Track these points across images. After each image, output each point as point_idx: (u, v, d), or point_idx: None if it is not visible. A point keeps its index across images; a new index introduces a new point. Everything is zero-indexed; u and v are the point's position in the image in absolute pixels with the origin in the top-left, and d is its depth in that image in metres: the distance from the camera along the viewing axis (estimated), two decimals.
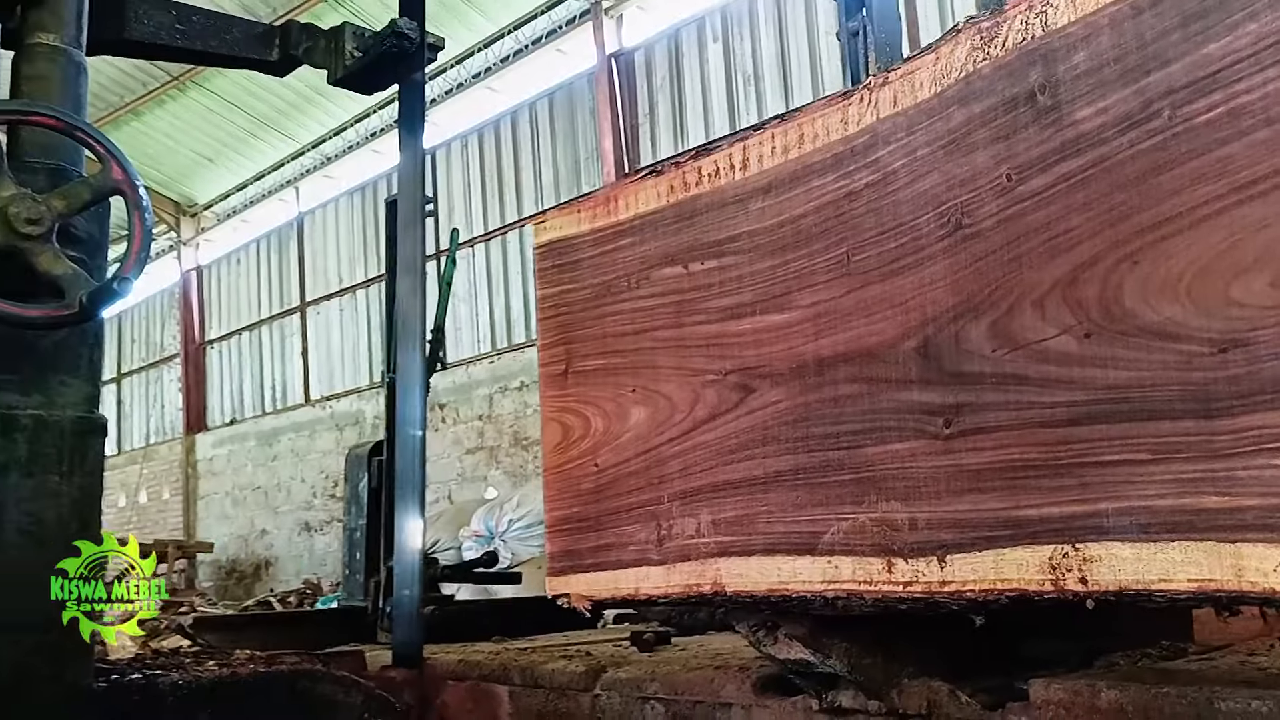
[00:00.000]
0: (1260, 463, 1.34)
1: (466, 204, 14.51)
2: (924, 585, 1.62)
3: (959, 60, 1.67)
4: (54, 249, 2.19)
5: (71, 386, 2.28)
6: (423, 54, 3.32)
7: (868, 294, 1.72)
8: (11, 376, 2.21)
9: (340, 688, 2.48)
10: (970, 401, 1.60)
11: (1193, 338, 1.41)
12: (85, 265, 2.27)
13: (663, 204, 2.06)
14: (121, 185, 2.25)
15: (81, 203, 2.25)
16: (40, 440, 2.20)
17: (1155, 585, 1.42)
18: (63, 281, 2.18)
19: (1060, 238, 1.54)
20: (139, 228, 2.23)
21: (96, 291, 2.18)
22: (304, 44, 3.26)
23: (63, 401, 2.25)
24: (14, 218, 2.13)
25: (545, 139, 13.77)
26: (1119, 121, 1.50)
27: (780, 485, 1.81)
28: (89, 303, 2.17)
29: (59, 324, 2.20)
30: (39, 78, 2.41)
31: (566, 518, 2.18)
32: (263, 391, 17.76)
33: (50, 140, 2.33)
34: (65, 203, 2.21)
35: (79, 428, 2.25)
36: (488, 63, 14.37)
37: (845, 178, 1.77)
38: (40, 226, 2.15)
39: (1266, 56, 1.38)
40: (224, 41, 3.16)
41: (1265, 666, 2.05)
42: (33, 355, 2.24)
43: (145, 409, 20.30)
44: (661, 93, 12.90)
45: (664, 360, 2.02)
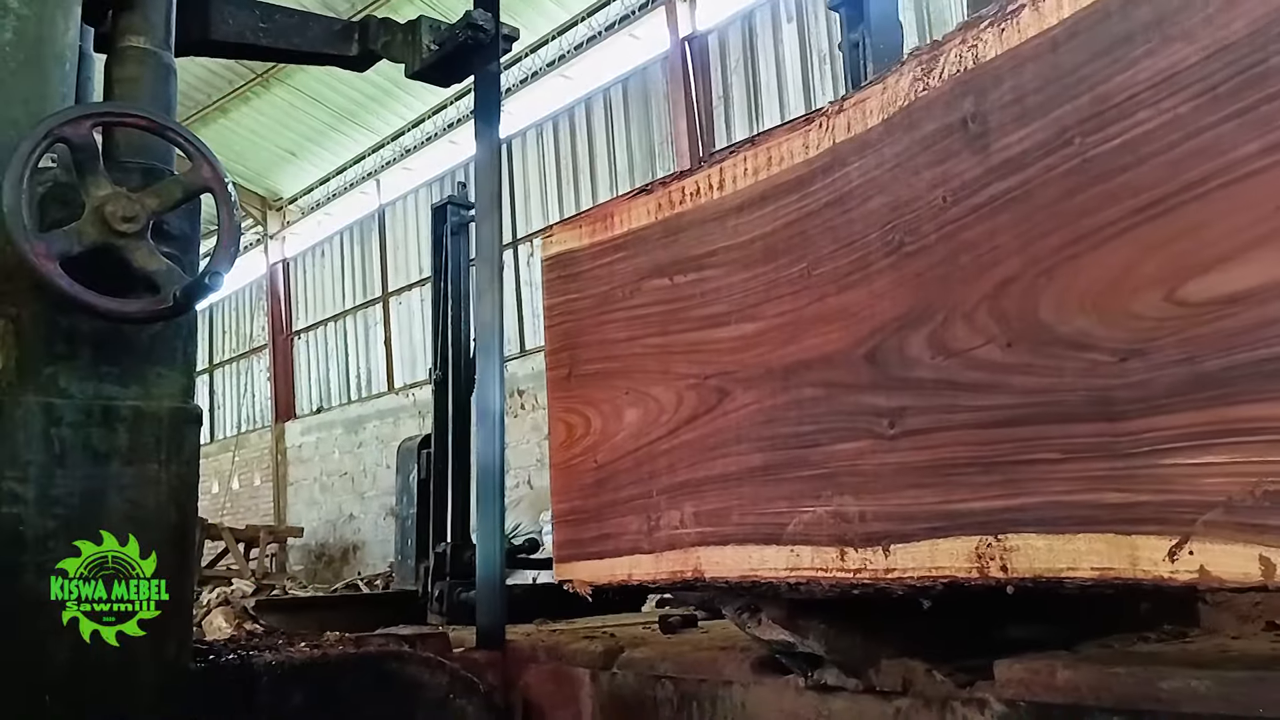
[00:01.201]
0: (1154, 462, 1.49)
1: (542, 192, 14.77)
2: (871, 572, 1.80)
3: (903, 90, 1.84)
4: (149, 245, 2.25)
5: (168, 378, 2.36)
6: (498, 45, 3.37)
7: (825, 305, 1.90)
8: (111, 369, 2.29)
9: (426, 668, 2.56)
10: (912, 405, 1.77)
11: (1098, 347, 1.56)
12: (178, 261, 2.35)
13: (652, 220, 2.26)
14: (210, 182, 2.31)
15: (174, 200, 2.31)
16: (139, 430, 2.29)
17: (1064, 573, 1.58)
18: (158, 277, 2.24)
19: (987, 255, 1.70)
20: (228, 223, 2.31)
21: (190, 286, 2.24)
22: (382, 38, 3.34)
23: (159, 392, 2.34)
24: (110, 216, 2.19)
25: (619, 125, 13.92)
26: (1038, 148, 1.65)
27: (752, 480, 2.00)
28: (183, 297, 2.23)
29: (155, 318, 2.27)
30: (131, 80, 2.50)
31: (571, 510, 2.41)
32: (348, 380, 18.38)
33: (143, 140, 2.41)
34: (158, 200, 2.27)
35: (175, 417, 2.34)
36: (561, 50, 14.58)
37: (806, 198, 1.95)
38: (135, 224, 2.22)
39: (1162, 89, 1.52)
40: (305, 39, 3.27)
41: (1232, 650, 2.18)
42: (130, 348, 2.32)
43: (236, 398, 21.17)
44: (736, 75, 12.94)
45: (653, 365, 2.22)
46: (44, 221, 2.19)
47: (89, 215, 2.19)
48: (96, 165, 2.22)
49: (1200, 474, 1.43)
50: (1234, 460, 1.40)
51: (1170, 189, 1.49)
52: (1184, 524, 1.45)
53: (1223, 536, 1.41)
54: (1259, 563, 1.38)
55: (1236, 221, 1.42)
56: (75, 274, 2.15)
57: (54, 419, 2.20)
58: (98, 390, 2.27)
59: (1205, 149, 1.45)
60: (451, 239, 4.93)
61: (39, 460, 2.16)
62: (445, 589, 4.45)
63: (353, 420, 17.64)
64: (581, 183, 14.34)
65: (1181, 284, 1.47)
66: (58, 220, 2.21)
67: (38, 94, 2.30)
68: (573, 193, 14.35)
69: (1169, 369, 1.47)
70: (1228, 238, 1.42)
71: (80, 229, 2.18)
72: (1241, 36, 1.43)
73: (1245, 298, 1.40)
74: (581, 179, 14.28)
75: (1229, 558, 1.41)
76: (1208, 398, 1.43)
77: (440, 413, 4.81)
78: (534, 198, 14.74)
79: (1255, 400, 1.38)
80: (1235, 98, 1.43)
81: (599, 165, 13.97)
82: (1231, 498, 1.40)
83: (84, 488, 2.20)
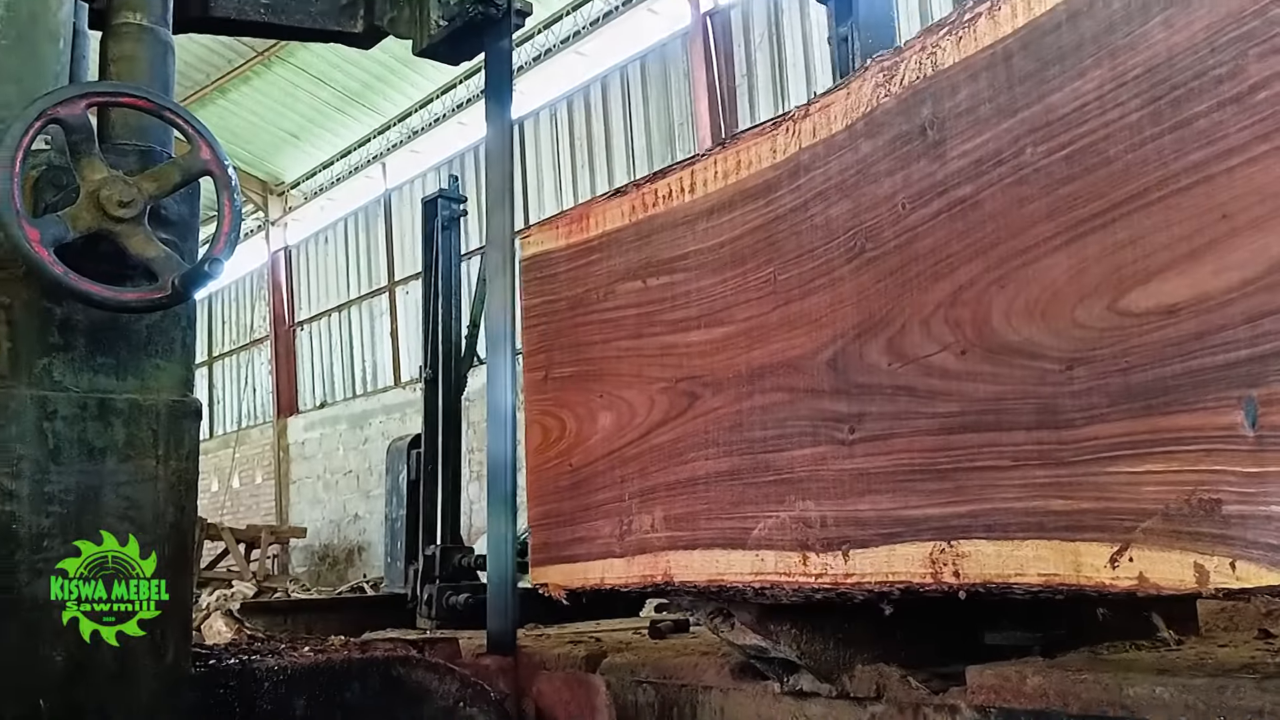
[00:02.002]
0: (1096, 470, 1.61)
1: (555, 176, 14.84)
2: (831, 577, 1.92)
3: (866, 96, 1.95)
4: (146, 231, 2.24)
5: (165, 370, 2.36)
6: (509, 20, 3.33)
7: (790, 311, 2.02)
8: (107, 360, 2.29)
9: (434, 675, 2.57)
10: (870, 411, 1.89)
11: (1045, 356, 1.67)
12: (177, 247, 2.34)
13: (625, 223, 2.38)
14: (210, 165, 2.31)
15: (172, 184, 2.29)
16: (136, 424, 2.29)
17: (1012, 579, 1.70)
18: (155, 264, 2.24)
19: (943, 263, 1.81)
20: (228, 208, 2.30)
21: (189, 273, 2.24)
22: (388, 14, 3.31)
23: (157, 385, 2.34)
24: (106, 200, 2.18)
25: (637, 105, 13.94)
26: (991, 157, 1.76)
27: (719, 484, 2.12)
28: (181, 285, 2.22)
29: (153, 307, 2.26)
30: (127, 58, 2.48)
31: (546, 513, 2.53)
32: (353, 373, 18.56)
33: (139, 122, 2.40)
34: (156, 184, 2.26)
35: (174, 411, 2.34)
36: (577, 26, 14.60)
37: (773, 203, 2.06)
38: (132, 209, 2.20)
39: (1108, 100, 1.63)
40: (308, 14, 3.26)
41: (1212, 658, 2.29)
42: (127, 339, 2.32)
43: (237, 392, 21.40)
44: (760, 52, 12.92)
45: (626, 368, 2.35)
46: (37, 206, 2.21)
47: (84, 200, 2.19)
48: (92, 147, 2.22)
49: (1139, 482, 1.55)
50: (1170, 469, 1.52)
51: (1114, 199, 1.61)
52: (1124, 531, 1.57)
53: (1160, 544, 1.53)
54: (1194, 569, 1.50)
55: (1174, 233, 1.53)
56: (70, 261, 2.15)
57: (48, 413, 2.20)
58: (93, 383, 2.27)
59: (1147, 160, 1.57)
60: (443, 234, 5.08)
61: (32, 456, 2.17)
62: (435, 592, 4.61)
63: (358, 415, 17.81)
64: (598, 166, 14.36)
65: (1123, 294, 1.58)
66: (51, 205, 2.23)
67: (30, 73, 2.31)
68: (588, 177, 14.39)
69: (1110, 378, 1.59)
70: (1166, 249, 1.53)
71: (75, 214, 2.18)
72: (1181, 50, 1.55)
73: (1181, 309, 1.51)
74: (597, 162, 14.31)
75: (1166, 565, 1.53)
76: (1145, 407, 1.55)
77: (430, 412, 4.98)
78: (547, 182, 14.81)
79: (1188, 410, 1.50)
80: (1175, 110, 1.54)
81: (616, 148, 14.00)
82: (1168, 506, 1.52)
83: (79, 484, 2.21)
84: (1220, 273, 1.48)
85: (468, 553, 4.74)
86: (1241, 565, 1.45)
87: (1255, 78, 1.46)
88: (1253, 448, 1.42)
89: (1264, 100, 1.45)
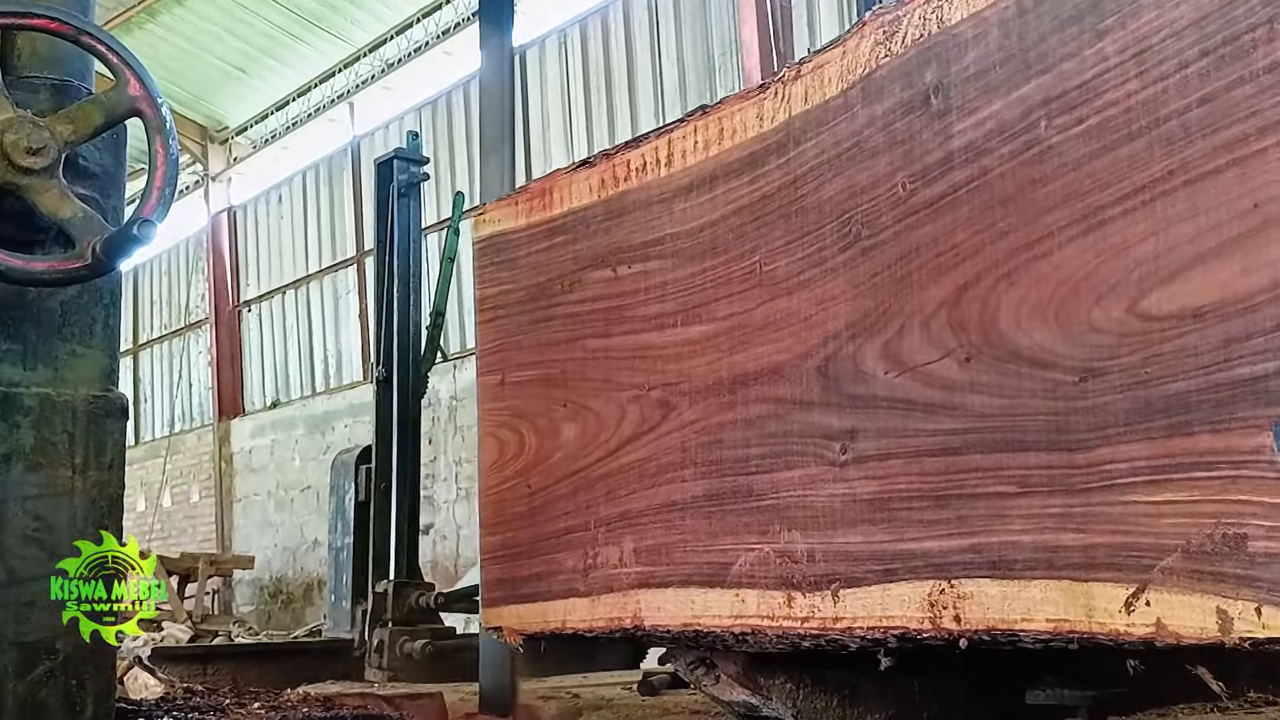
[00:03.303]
0: (1110, 499, 1.73)
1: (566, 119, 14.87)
2: (819, 621, 2.06)
3: (864, 55, 2.08)
4: (60, 186, 2.21)
5: (84, 358, 2.33)
6: None
7: (776, 307, 2.15)
8: (12, 346, 2.27)
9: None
10: (864, 426, 2.02)
11: (1058, 365, 1.80)
12: (98, 206, 2.30)
13: (594, 199, 2.50)
14: (140, 104, 2.27)
15: (92, 127, 2.26)
16: (48, 425, 2.26)
17: (1019, 625, 1.83)
18: (71, 226, 2.21)
19: (947, 254, 1.94)
20: (162, 157, 2.27)
21: (112, 238, 2.19)
22: None
23: (74, 377, 2.30)
24: (11, 147, 2.15)
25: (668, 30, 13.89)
26: (1002, 130, 1.88)
27: (696, 511, 2.24)
28: (104, 252, 2.19)
29: (68, 279, 2.23)
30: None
31: (501, 544, 2.66)
32: (312, 366, 18.65)
33: (52, 50, 2.36)
34: (73, 127, 2.23)
35: (94, 409, 2.31)
36: None
37: (759, 180, 2.18)
38: (44, 158, 2.18)
39: (1130, 67, 1.76)
40: None
41: None
42: (37, 319, 2.29)
43: (168, 389, 21.50)
44: None
45: (594, 373, 2.47)
46: None
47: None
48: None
49: (1157, 513, 1.68)
50: (1191, 499, 1.65)
51: (1136, 183, 1.73)
52: (1141, 570, 1.70)
53: (1180, 586, 1.66)
54: (1216, 615, 1.63)
55: (1201, 224, 1.65)
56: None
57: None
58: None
59: (1171, 138, 1.69)
60: (399, 202, 5.24)
61: None
62: (387, 638, 4.78)
63: (318, 418, 17.90)
64: (618, 107, 14.32)
65: (1145, 294, 1.71)
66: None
67: None
68: (605, 121, 14.36)
69: (1127, 392, 1.72)
70: (1191, 243, 1.66)
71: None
72: (1212, 11, 1.68)
73: (1207, 312, 1.64)
74: (618, 102, 14.28)
75: (1186, 610, 1.66)
76: (1165, 426, 1.67)
77: (384, 420, 5.15)
78: (555, 128, 14.84)
79: (1212, 430, 1.62)
80: (1203, 80, 1.66)
81: (640, 85, 13.96)
82: (1189, 541, 1.65)
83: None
84: (1250, 272, 1.61)
85: (427, 590, 4.92)
86: (1269, 611, 1.58)
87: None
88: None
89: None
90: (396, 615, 4.92)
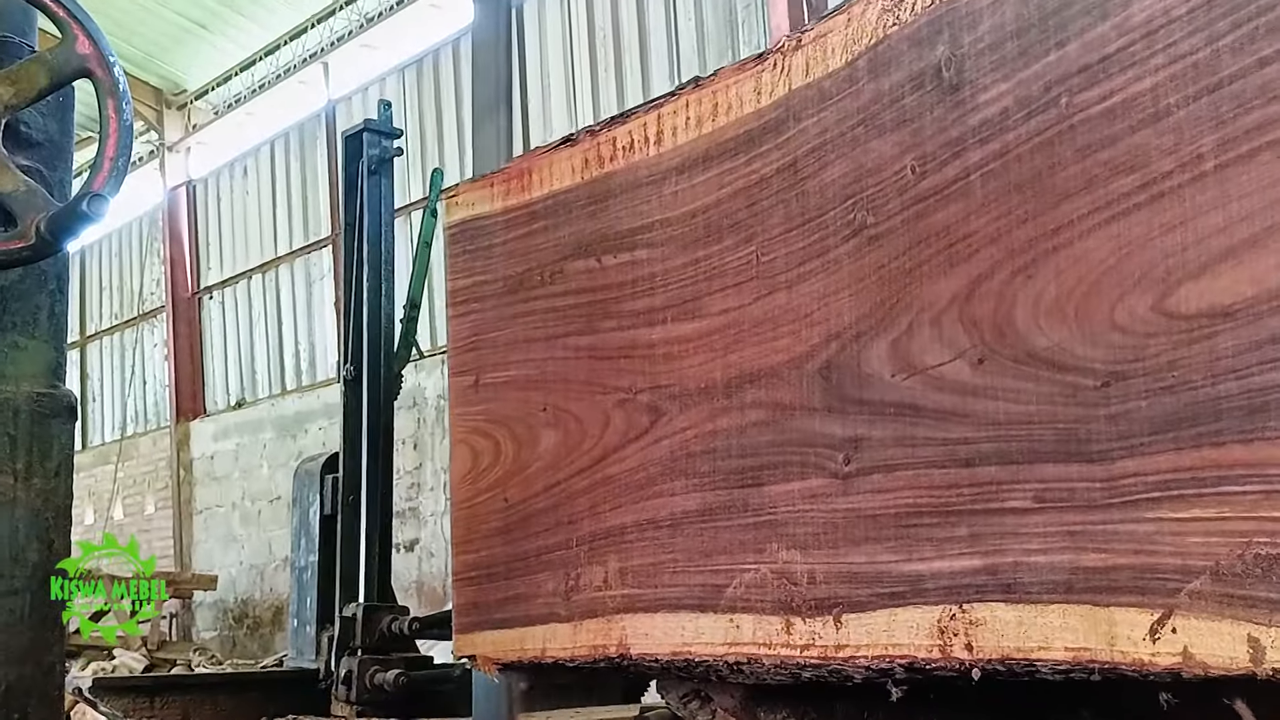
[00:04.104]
0: (1134, 515, 1.79)
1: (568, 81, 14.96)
2: (820, 649, 2.12)
3: (870, 23, 2.14)
4: (0, 156, 2.25)
5: (26, 351, 2.36)
6: None
7: (775, 302, 2.21)
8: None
9: None
10: (869, 435, 2.08)
11: (1078, 368, 1.86)
12: (42, 179, 2.32)
13: (577, 181, 2.56)
14: (90, 64, 2.28)
15: (35, 90, 2.28)
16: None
17: (1035, 655, 1.89)
18: (12, 201, 2.23)
19: (960, 244, 2.00)
20: (114, 124, 2.28)
21: (59, 215, 2.21)
22: None
23: (15, 373, 2.34)
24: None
25: None
26: (1019, 107, 1.94)
27: (688, 528, 2.30)
28: (49, 231, 2.20)
29: (9, 261, 2.26)
30: None
31: (475, 564, 2.72)
32: (282, 360, 18.74)
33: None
34: (13, 90, 2.25)
35: (38, 408, 2.34)
36: None
37: (757, 160, 2.24)
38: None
39: (1159, 39, 1.82)
40: None
41: None
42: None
43: (120, 386, 21.57)
44: None
45: (576, 374, 2.53)
46: None
47: None
48: None
49: (1185, 531, 1.74)
50: (1222, 515, 1.71)
51: (1164, 166, 1.78)
52: (1166, 595, 1.76)
53: (1209, 611, 1.72)
54: (1247, 644, 1.69)
55: (1233, 213, 1.71)
56: None
57: None
58: None
59: (1201, 118, 1.74)
60: (369, 180, 5.31)
61: None
62: (356, 667, 4.86)
63: (289, 419, 17.98)
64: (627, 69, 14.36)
65: (1172, 290, 1.77)
66: None
67: None
68: (613, 83, 14.41)
69: (1153, 398, 1.78)
70: (1223, 232, 1.72)
71: None
72: None
73: (1238, 311, 1.70)
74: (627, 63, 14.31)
75: (1215, 638, 1.72)
76: (1194, 436, 1.73)
77: (352, 424, 5.23)
78: (556, 90, 14.89)
79: (1245, 440, 1.68)
80: (1237, 54, 1.73)
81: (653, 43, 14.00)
82: (1219, 562, 1.71)
83: None
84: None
85: (401, 614, 5.00)
86: None
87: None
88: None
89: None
90: (366, 642, 4.98)
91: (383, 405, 5.26)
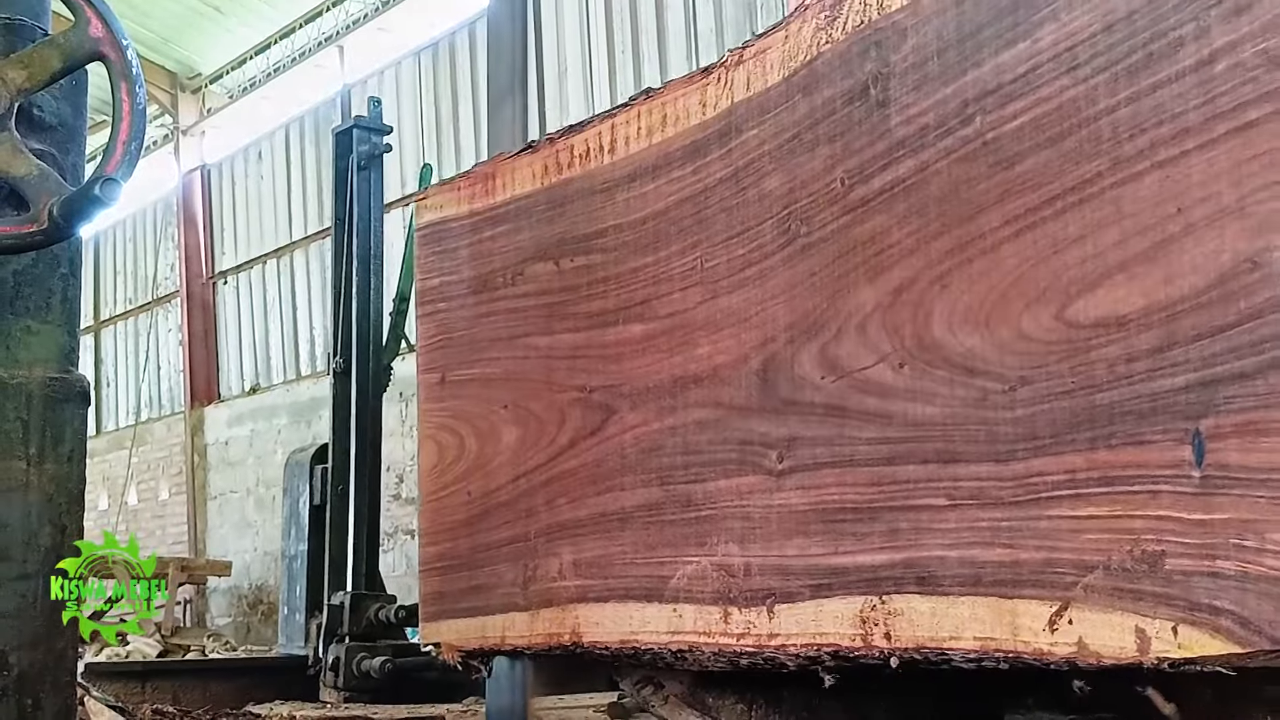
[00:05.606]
0: (1036, 513, 1.92)
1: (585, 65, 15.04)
2: (755, 638, 2.26)
3: (805, 41, 2.27)
4: (13, 140, 2.25)
5: (40, 335, 2.37)
6: None
7: (717, 306, 2.35)
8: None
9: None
10: (801, 435, 2.22)
11: (988, 373, 1.98)
12: (55, 162, 2.34)
13: (537, 186, 2.69)
14: (104, 47, 2.28)
15: (49, 73, 2.29)
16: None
17: (947, 643, 2.02)
18: (25, 185, 2.24)
19: (883, 254, 2.13)
20: (128, 108, 2.28)
21: (72, 199, 2.21)
22: None
23: (28, 357, 2.35)
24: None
25: None
26: (939, 125, 2.06)
27: (636, 522, 2.44)
28: (62, 215, 2.21)
29: (22, 245, 2.26)
30: None
31: (440, 555, 2.86)
32: (297, 346, 18.75)
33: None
34: (26, 73, 2.25)
35: (51, 393, 2.35)
36: None
37: (701, 170, 2.36)
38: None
39: (1063, 61, 1.95)
40: None
41: None
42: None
43: (134, 371, 21.62)
44: None
45: (535, 372, 2.66)
46: None
47: None
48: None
49: (1082, 528, 1.86)
50: (1114, 513, 1.83)
51: (1065, 184, 1.91)
52: (1064, 588, 1.88)
53: (1101, 604, 1.84)
54: (1134, 635, 1.82)
55: (1127, 228, 1.83)
56: None
57: None
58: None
59: (1100, 138, 1.86)
60: (359, 175, 5.44)
61: None
62: (344, 654, 5.01)
63: (303, 405, 17.95)
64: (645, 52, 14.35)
65: (1072, 300, 1.89)
66: None
67: None
68: (630, 67, 14.43)
69: (1054, 402, 1.91)
70: (1118, 247, 1.84)
71: None
72: (1140, 6, 1.87)
73: (1131, 321, 1.82)
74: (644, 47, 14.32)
75: (1107, 629, 1.85)
76: (1090, 438, 1.86)
77: (341, 415, 5.38)
78: (573, 75, 14.98)
79: (1134, 443, 1.81)
80: (1132, 78, 1.85)
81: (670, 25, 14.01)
82: (1110, 558, 1.84)
83: None
84: (1172, 280, 1.79)
85: (388, 602, 5.15)
86: (1185, 631, 1.76)
87: (1217, 42, 1.77)
88: (1199, 490, 1.71)
89: (1224, 71, 1.73)
90: (354, 630, 5.12)
91: (371, 397, 5.40)
